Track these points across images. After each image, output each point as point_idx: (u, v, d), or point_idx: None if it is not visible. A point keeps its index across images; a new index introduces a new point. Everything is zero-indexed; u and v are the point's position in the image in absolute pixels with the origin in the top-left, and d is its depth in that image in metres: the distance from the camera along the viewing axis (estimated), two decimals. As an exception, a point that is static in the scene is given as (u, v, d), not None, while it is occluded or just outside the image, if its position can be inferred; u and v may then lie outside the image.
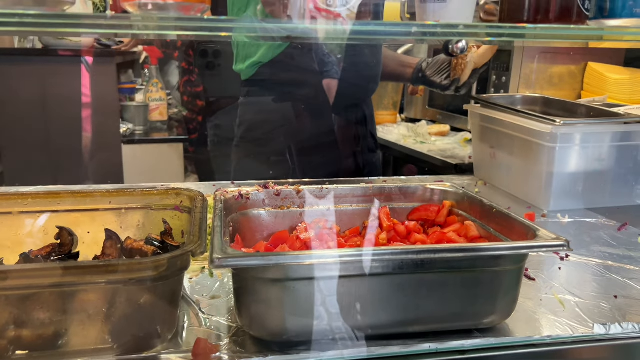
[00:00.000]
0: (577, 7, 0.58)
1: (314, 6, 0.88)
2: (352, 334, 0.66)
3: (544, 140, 1.21)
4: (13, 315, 0.60)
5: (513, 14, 0.59)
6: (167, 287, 0.63)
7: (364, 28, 0.56)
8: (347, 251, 0.66)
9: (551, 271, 0.92)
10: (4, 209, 0.84)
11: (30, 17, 0.50)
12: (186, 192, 0.87)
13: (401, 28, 0.55)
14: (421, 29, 0.53)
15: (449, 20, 0.57)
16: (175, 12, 0.53)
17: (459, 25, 0.53)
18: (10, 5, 0.50)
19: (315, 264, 0.62)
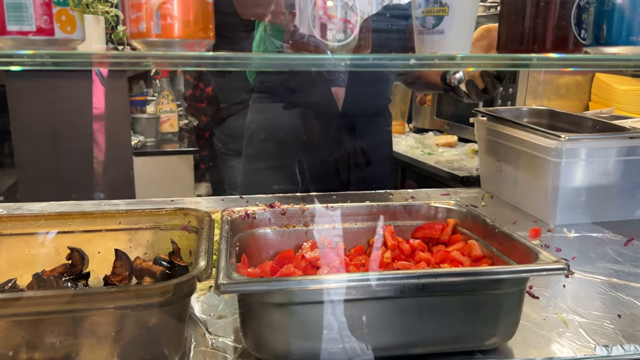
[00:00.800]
0: (573, 36, 0.59)
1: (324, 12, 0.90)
2: (356, 357, 0.67)
3: (550, 155, 1.22)
4: (25, 339, 0.62)
5: (510, 44, 0.60)
6: (174, 311, 0.64)
7: (363, 62, 0.57)
8: (350, 276, 0.67)
9: (555, 289, 0.92)
10: (18, 230, 0.86)
11: (41, 57, 0.52)
12: (194, 212, 0.89)
13: (400, 60, 0.56)
14: (419, 60, 0.54)
15: (447, 51, 0.59)
16: (179, 48, 0.55)
17: (456, 57, 0.54)
18: (22, 46, 0.53)
19: (318, 289, 0.63)
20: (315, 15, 0.84)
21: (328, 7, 0.82)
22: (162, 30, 0.54)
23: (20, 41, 0.52)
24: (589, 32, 0.61)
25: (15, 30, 0.51)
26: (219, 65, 0.55)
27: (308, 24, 1.05)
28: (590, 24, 0.60)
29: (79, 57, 0.53)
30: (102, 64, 0.53)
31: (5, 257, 0.86)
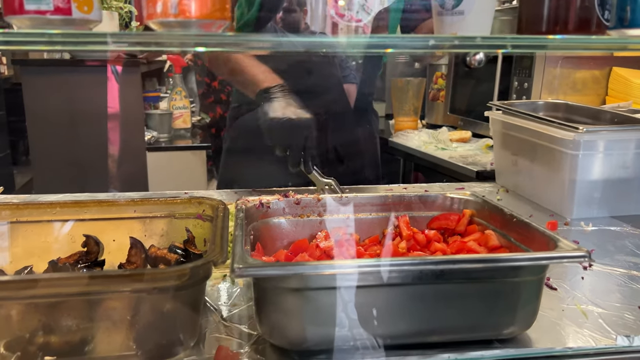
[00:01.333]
0: (596, 18, 0.58)
1: (335, 12, 0.89)
2: (371, 344, 0.66)
3: (567, 147, 1.20)
4: (42, 322, 0.62)
5: (531, 25, 0.59)
6: (189, 296, 0.64)
7: (382, 41, 0.56)
8: (366, 261, 0.66)
9: (574, 281, 0.91)
10: (34, 217, 0.87)
11: (59, 37, 0.52)
12: (208, 201, 0.89)
13: (419, 41, 0.55)
14: (439, 41, 0.53)
15: (467, 32, 0.58)
16: (196, 29, 0.55)
17: (476, 38, 0.53)
18: (40, 25, 0.53)
19: (334, 274, 0.62)
20: (326, 14, 0.83)
21: (339, 5, 0.82)
22: (179, 10, 0.53)
23: (37, 20, 0.52)
24: (612, 14, 0.59)
25: (33, 9, 0.51)
26: (239, 47, 0.55)
27: (319, 23, 1.05)
28: (614, 5, 0.58)
29: (95, 37, 0.53)
30: (119, 43, 0.52)
31: (21, 245, 0.86)
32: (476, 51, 0.65)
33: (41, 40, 0.52)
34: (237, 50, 0.55)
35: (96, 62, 2.34)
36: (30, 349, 0.61)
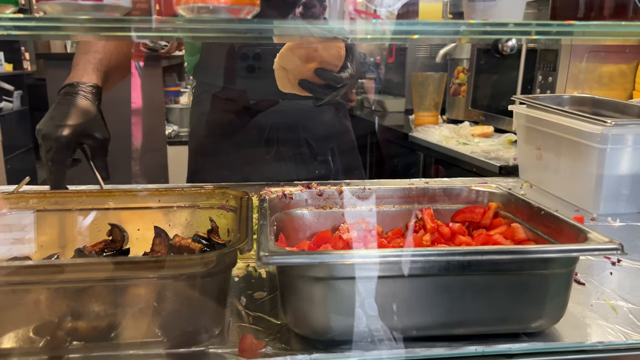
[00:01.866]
0: (633, 3, 0.56)
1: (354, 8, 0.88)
2: (396, 335, 0.66)
3: (594, 141, 1.18)
4: (70, 308, 0.62)
5: (564, 12, 0.58)
6: (215, 283, 0.64)
7: (412, 28, 0.55)
8: (393, 251, 0.66)
9: (602, 276, 0.89)
10: (60, 206, 0.88)
11: (90, 22, 0.52)
12: (232, 191, 0.89)
13: (449, 27, 0.55)
14: (470, 27, 0.52)
15: (498, 18, 0.57)
16: (225, 14, 0.55)
17: (508, 24, 0.52)
18: (71, 11, 0.53)
19: (360, 264, 0.62)
20: (344, 10, 0.83)
21: (358, 2, 0.81)
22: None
23: (68, 6, 0.52)
24: (650, 0, 0.58)
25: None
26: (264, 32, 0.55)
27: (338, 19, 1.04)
28: (652, -10, 0.57)
29: (123, 23, 0.53)
30: (145, 30, 0.52)
31: (48, 233, 0.88)
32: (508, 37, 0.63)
33: (72, 26, 0.53)
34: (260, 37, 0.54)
35: (118, 56, 2.35)
36: (58, 334, 0.62)
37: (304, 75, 1.08)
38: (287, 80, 1.10)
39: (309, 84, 1.09)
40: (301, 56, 1.05)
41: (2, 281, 0.61)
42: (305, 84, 1.09)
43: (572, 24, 0.51)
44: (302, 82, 1.09)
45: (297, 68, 1.07)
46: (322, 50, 1.04)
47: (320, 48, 1.03)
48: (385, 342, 0.65)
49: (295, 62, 1.06)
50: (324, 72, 1.07)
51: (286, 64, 1.07)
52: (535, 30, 0.52)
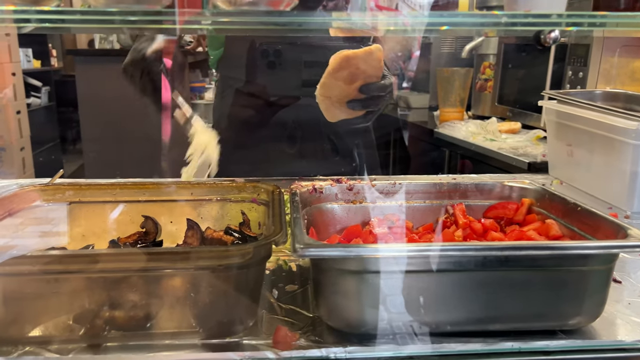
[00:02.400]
0: (681, -7, 0.54)
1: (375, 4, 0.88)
2: (431, 330, 0.65)
3: (629, 137, 1.15)
4: (108, 297, 0.63)
5: (608, 2, 0.56)
6: (250, 275, 0.65)
7: (452, 19, 0.55)
8: (429, 246, 0.65)
9: (638, 274, 0.87)
10: (95, 197, 0.89)
11: (132, 15, 0.53)
12: (263, 185, 0.89)
13: (490, 19, 0.54)
14: (512, 19, 0.51)
15: (541, 10, 0.55)
16: (265, 6, 0.55)
17: (551, 15, 0.51)
18: (113, 4, 0.53)
19: (395, 257, 0.62)
20: (366, 6, 0.82)
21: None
22: (248, -12, 0.53)
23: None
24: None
25: (108, -12, 0.52)
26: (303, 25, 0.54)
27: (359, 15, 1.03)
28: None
29: (165, 15, 0.53)
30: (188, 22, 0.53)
31: (83, 224, 0.89)
32: (552, 29, 0.61)
33: (114, 19, 0.53)
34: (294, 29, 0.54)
35: (145, 52, 2.38)
36: (97, 323, 0.63)
37: (350, 96, 1.05)
38: (334, 108, 1.06)
39: (358, 103, 1.05)
40: (345, 79, 1.01)
41: (41, 270, 0.62)
42: (355, 105, 1.06)
43: (619, 14, 0.50)
44: (351, 104, 1.05)
45: (343, 92, 1.04)
46: (364, 65, 1.00)
47: (362, 63, 0.99)
48: (420, 336, 0.65)
49: (339, 88, 1.03)
50: (370, 87, 1.03)
51: (330, 92, 1.04)
52: (582, 22, 0.51)
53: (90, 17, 0.53)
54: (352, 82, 1.02)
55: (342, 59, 0.99)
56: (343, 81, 1.01)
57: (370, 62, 1.00)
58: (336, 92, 1.03)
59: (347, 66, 0.99)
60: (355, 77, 1.01)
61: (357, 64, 0.99)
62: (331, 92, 1.03)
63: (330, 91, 1.03)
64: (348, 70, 0.99)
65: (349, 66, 0.99)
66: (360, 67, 1.00)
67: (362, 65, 0.99)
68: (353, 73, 1.00)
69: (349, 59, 0.99)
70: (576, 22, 0.51)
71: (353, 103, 1.04)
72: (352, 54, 0.98)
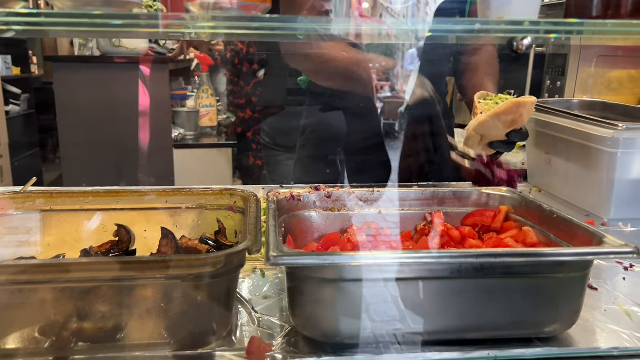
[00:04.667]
0: None
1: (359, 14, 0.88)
2: (407, 339, 0.65)
3: (605, 145, 1.16)
4: (76, 308, 0.62)
5: (581, 10, 0.57)
6: (223, 284, 0.63)
7: (425, 27, 0.55)
8: (405, 253, 0.64)
9: (614, 281, 0.88)
10: (67, 206, 0.87)
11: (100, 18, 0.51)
12: (240, 192, 0.88)
13: (464, 25, 0.54)
14: (485, 25, 0.51)
15: (514, 16, 0.56)
16: (237, 11, 0.54)
17: (524, 22, 0.51)
18: (81, 6, 0.52)
19: (371, 265, 0.61)
20: (350, 16, 0.82)
21: (363, 8, 0.80)
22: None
23: (79, 1, 0.51)
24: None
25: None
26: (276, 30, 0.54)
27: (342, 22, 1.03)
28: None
29: (135, 19, 0.52)
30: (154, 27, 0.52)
31: (54, 233, 0.87)
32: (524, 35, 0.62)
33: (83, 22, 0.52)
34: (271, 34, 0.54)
35: (125, 59, 2.36)
36: (64, 335, 0.61)
37: (499, 138, 1.08)
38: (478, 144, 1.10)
39: (501, 144, 1.09)
40: (506, 122, 1.04)
41: (8, 280, 0.60)
42: (499, 145, 1.09)
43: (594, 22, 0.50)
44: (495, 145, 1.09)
45: (497, 133, 1.07)
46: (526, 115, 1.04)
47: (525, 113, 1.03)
48: (396, 346, 0.64)
49: (498, 130, 1.05)
50: (519, 134, 1.07)
51: (487, 131, 1.06)
52: (552, 29, 0.52)
53: (70, 20, 0.51)
54: (509, 127, 1.05)
55: (513, 104, 1.02)
56: (503, 124, 1.04)
57: (530, 112, 1.05)
58: (492, 133, 1.06)
59: (515, 112, 1.02)
60: (514, 123, 1.04)
61: (522, 112, 1.03)
62: (488, 131, 1.06)
63: (488, 131, 1.06)
64: (513, 116, 1.03)
65: (516, 112, 1.02)
66: (523, 115, 1.04)
67: (525, 114, 1.03)
68: (515, 120, 1.04)
69: (519, 106, 1.02)
70: (549, 30, 0.51)
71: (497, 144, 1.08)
72: (523, 102, 1.02)
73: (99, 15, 0.51)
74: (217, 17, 0.53)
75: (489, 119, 1.04)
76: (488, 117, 1.03)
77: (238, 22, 0.54)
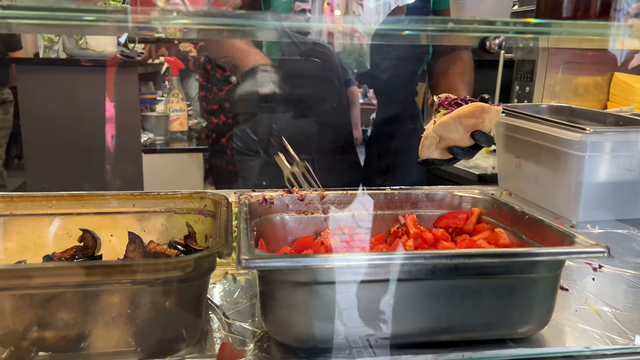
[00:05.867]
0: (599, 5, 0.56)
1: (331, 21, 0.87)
2: (381, 342, 0.64)
3: (573, 148, 1.18)
4: (36, 316, 0.59)
5: (551, 11, 0.57)
6: (192, 289, 0.61)
7: (399, 26, 0.54)
8: (379, 255, 0.64)
9: (584, 282, 0.89)
10: (29, 210, 0.84)
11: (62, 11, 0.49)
12: (210, 196, 0.86)
13: (436, 25, 0.53)
14: (458, 24, 0.51)
15: (486, 16, 0.56)
16: (207, 6, 0.52)
17: (496, 22, 0.51)
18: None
19: (344, 267, 0.60)
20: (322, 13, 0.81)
21: (335, 15, 0.80)
22: (189, -14, 0.51)
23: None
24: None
25: (36, -19, 0.48)
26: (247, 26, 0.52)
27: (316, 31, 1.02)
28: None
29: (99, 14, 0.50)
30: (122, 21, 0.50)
31: (15, 239, 0.83)
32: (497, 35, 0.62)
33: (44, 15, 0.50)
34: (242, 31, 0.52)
35: (92, 62, 2.31)
36: (23, 344, 0.58)
37: (458, 143, 1.04)
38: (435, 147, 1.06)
39: (460, 150, 1.05)
40: (467, 126, 1.01)
41: (-37, 288, 0.57)
42: (459, 153, 1.06)
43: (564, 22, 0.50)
44: (455, 150, 1.05)
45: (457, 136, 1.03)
46: (489, 122, 1.01)
47: (488, 120, 1.00)
48: (370, 349, 0.63)
49: (458, 133, 1.02)
50: (482, 135, 1.03)
51: (447, 133, 1.02)
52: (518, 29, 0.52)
53: (37, 13, 0.49)
54: (468, 132, 1.02)
55: (478, 108, 0.99)
56: (464, 127, 1.01)
57: (493, 120, 1.02)
58: (451, 136, 1.02)
59: (478, 116, 0.99)
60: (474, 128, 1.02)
61: (485, 118, 1.00)
62: (448, 133, 1.02)
63: (447, 132, 1.02)
64: (475, 120, 1.00)
65: (479, 117, 0.99)
66: (485, 122, 1.01)
67: (487, 121, 1.01)
68: (476, 124, 1.01)
69: (484, 111, 0.99)
70: (519, 30, 0.51)
71: (456, 150, 1.05)
72: (488, 108, 0.99)
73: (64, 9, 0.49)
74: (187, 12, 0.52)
75: (450, 120, 1.01)
76: (450, 117, 1.01)
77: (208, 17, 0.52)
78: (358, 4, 1.19)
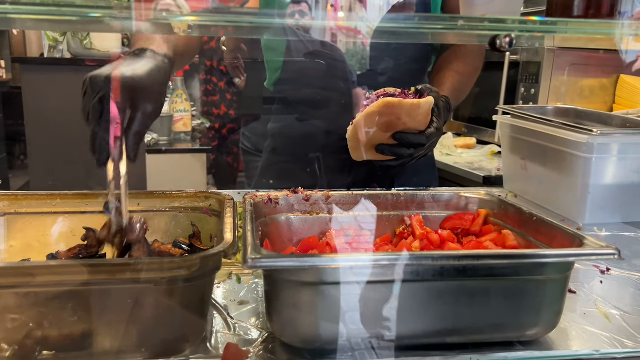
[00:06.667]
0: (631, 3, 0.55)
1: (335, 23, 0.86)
2: (388, 344, 0.63)
3: (580, 150, 1.17)
4: (40, 315, 0.58)
5: (562, 9, 0.56)
6: (197, 289, 0.61)
7: (406, 24, 0.54)
8: (386, 255, 0.63)
9: (592, 285, 0.88)
10: (33, 209, 0.83)
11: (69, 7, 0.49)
12: (215, 195, 0.86)
13: (446, 23, 0.53)
14: (468, 22, 0.51)
15: (497, 14, 0.55)
16: (215, 2, 0.52)
17: (507, 20, 0.51)
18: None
19: (352, 268, 0.59)
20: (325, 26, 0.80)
21: (339, 17, 0.79)
22: (197, -18, 0.51)
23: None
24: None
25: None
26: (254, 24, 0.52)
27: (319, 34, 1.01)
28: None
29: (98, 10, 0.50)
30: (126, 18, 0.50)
31: (19, 237, 0.83)
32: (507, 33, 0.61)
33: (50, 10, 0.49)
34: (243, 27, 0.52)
35: (97, 61, 2.31)
36: (27, 343, 0.58)
37: (382, 141, 0.98)
38: (361, 149, 1.00)
39: (388, 148, 0.99)
40: (381, 125, 0.95)
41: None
42: (385, 149, 0.99)
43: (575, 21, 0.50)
44: (380, 147, 0.99)
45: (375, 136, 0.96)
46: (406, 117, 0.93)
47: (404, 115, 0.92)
48: (377, 351, 0.62)
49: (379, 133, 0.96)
50: (403, 136, 0.96)
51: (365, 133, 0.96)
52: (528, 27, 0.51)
53: (44, 8, 0.48)
54: (387, 130, 0.96)
55: (384, 105, 0.92)
56: (378, 127, 0.95)
57: (415, 116, 0.94)
58: (375, 136, 0.96)
59: (387, 113, 0.92)
60: (393, 126, 0.95)
61: (400, 114, 0.93)
62: (367, 134, 0.96)
63: (366, 133, 0.96)
64: (388, 118, 0.93)
65: (390, 114, 0.93)
66: (401, 118, 0.94)
67: (404, 117, 0.93)
68: (392, 122, 0.94)
69: (392, 107, 0.92)
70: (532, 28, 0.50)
71: (382, 147, 0.99)
72: (397, 103, 0.92)
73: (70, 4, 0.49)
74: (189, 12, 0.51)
75: (361, 119, 0.95)
76: (360, 116, 0.95)
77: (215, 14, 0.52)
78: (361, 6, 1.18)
